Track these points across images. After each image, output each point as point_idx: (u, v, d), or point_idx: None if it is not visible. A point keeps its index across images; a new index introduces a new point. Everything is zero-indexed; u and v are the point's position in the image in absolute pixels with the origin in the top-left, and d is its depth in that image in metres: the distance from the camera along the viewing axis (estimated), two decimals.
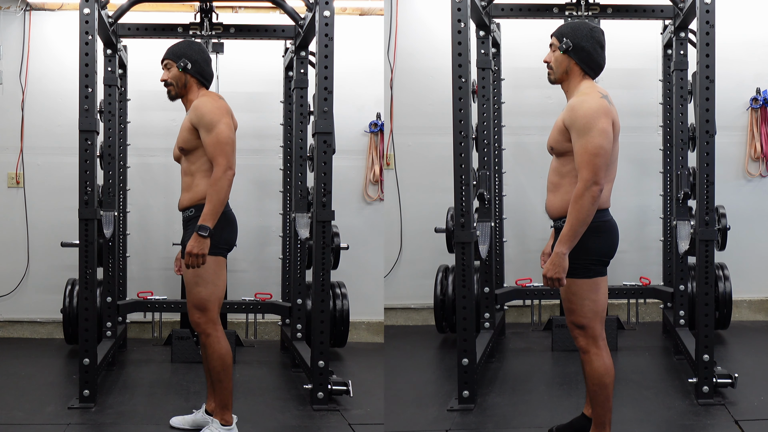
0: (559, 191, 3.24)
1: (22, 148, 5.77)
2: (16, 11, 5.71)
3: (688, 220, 4.74)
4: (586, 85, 3.25)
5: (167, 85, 3.68)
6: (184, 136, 3.62)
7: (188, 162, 3.63)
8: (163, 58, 3.70)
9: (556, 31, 3.33)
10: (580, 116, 3.10)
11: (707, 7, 4.03)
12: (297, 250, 5.12)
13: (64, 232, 5.24)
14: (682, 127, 4.90)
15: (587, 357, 3.26)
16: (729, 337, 5.37)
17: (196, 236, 3.45)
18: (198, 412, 3.85)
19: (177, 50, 3.69)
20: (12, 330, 5.83)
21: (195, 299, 3.58)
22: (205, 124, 3.55)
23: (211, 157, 3.53)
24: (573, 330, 3.27)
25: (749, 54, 5.81)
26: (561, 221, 3.22)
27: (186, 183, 3.64)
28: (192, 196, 3.60)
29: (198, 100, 3.63)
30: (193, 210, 3.59)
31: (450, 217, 5.21)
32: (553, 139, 3.23)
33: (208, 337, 3.60)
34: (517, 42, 5.62)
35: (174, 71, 3.66)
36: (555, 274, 3.10)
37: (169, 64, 3.67)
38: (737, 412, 3.89)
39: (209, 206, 3.47)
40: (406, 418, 3.95)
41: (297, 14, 4.73)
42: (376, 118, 5.87)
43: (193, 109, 3.61)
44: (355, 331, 5.78)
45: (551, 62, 3.30)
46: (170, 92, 3.69)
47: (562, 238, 3.09)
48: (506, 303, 5.34)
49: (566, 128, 3.16)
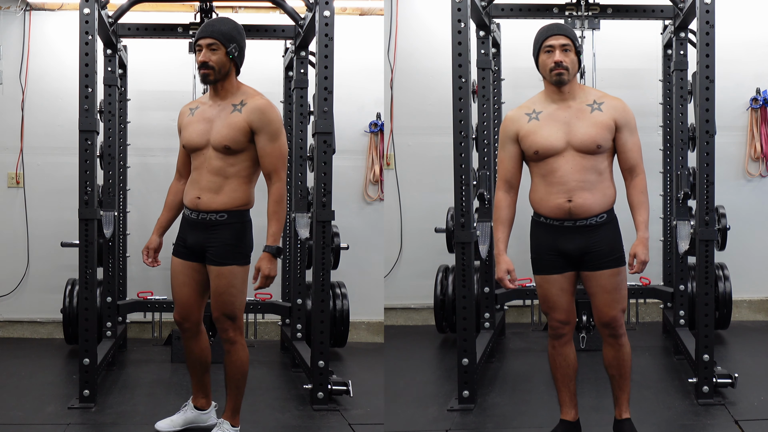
0: (597, 189, 3.30)
1: (22, 148, 5.77)
2: (16, 11, 5.71)
3: (688, 220, 4.74)
4: (585, 87, 3.40)
5: (207, 68, 3.38)
6: (235, 136, 3.37)
7: (226, 163, 3.41)
8: (205, 35, 3.39)
9: (564, 30, 3.33)
10: (630, 114, 3.34)
11: (707, 7, 4.03)
12: (297, 250, 5.12)
13: (64, 232, 5.24)
14: (682, 127, 4.90)
15: (624, 340, 3.42)
16: (729, 337, 5.37)
17: (272, 258, 3.40)
18: (186, 408, 3.77)
19: (227, 32, 3.40)
20: (12, 330, 5.83)
21: (228, 309, 3.48)
22: (271, 131, 3.39)
23: (271, 169, 3.42)
24: (617, 319, 3.38)
25: (749, 54, 5.80)
26: (597, 218, 3.30)
27: (216, 183, 3.42)
28: (227, 201, 3.43)
29: (263, 102, 3.41)
30: (226, 215, 3.42)
31: (450, 217, 5.21)
32: (603, 138, 3.29)
33: (234, 344, 3.53)
34: (517, 42, 5.59)
35: (220, 55, 3.38)
36: (648, 257, 3.34)
37: (216, 45, 3.38)
38: (737, 412, 3.89)
39: (279, 226, 3.41)
40: (406, 418, 3.95)
41: (297, 14, 4.73)
42: (376, 118, 5.87)
43: (257, 111, 3.38)
44: (355, 331, 5.78)
45: (567, 63, 3.30)
46: (208, 76, 3.39)
47: (646, 224, 3.33)
48: (506, 303, 5.34)
49: (616, 126, 3.30)
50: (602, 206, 3.31)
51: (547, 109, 3.35)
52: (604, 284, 3.34)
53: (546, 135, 3.30)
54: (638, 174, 3.34)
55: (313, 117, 4.37)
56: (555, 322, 3.43)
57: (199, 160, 3.48)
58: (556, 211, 3.31)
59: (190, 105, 3.62)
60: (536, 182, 3.37)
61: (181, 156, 3.65)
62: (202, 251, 3.50)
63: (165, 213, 3.69)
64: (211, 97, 3.52)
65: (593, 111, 3.31)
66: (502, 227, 3.42)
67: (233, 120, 3.40)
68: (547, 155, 3.30)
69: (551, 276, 3.37)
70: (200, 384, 3.75)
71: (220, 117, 3.44)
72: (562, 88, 3.32)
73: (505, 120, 3.43)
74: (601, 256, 3.33)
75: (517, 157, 3.41)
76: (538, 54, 3.35)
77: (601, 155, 3.30)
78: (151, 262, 3.69)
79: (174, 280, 3.57)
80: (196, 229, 3.49)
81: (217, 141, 3.41)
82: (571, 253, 3.33)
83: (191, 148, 3.49)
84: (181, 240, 3.56)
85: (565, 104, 3.34)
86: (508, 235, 3.43)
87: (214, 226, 3.46)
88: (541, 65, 3.35)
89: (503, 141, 3.43)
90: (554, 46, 3.30)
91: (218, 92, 3.47)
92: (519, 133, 3.36)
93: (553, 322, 3.43)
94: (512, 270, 3.40)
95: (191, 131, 3.48)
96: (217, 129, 3.43)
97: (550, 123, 3.32)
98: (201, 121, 3.47)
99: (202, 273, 3.54)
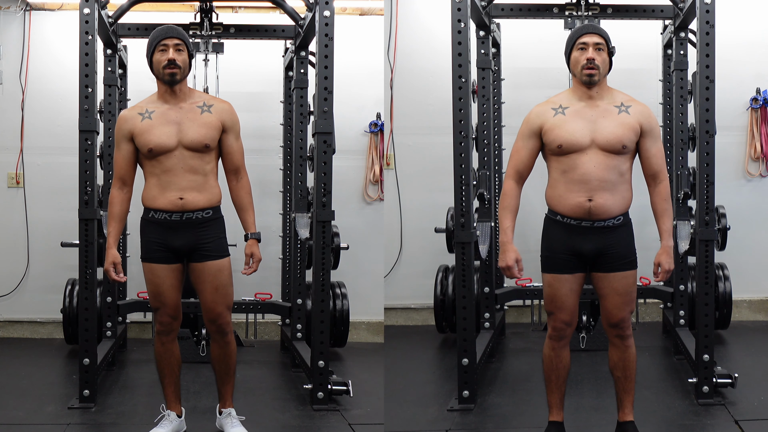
0: (617, 190, 3.30)
1: (22, 148, 5.77)
2: (16, 11, 5.71)
3: (688, 220, 4.74)
4: (613, 89, 3.40)
5: (176, 66, 3.50)
6: (212, 135, 3.53)
7: (202, 161, 3.53)
8: (172, 35, 3.53)
9: (598, 30, 3.33)
10: (655, 121, 3.37)
11: (707, 7, 4.03)
12: (297, 250, 5.12)
13: (64, 232, 5.24)
14: (682, 127, 4.90)
15: (630, 341, 3.44)
16: (729, 337, 5.37)
17: (257, 243, 3.65)
18: (170, 418, 3.69)
19: (186, 36, 3.58)
20: (12, 330, 5.83)
21: (229, 301, 3.62)
22: (237, 130, 3.61)
23: (239, 164, 3.63)
24: (626, 321, 3.40)
25: (749, 54, 5.80)
26: (615, 220, 3.31)
27: (197, 182, 3.52)
28: (209, 198, 3.54)
29: (228, 104, 3.62)
30: (211, 212, 3.55)
31: (450, 217, 5.21)
32: (628, 138, 3.30)
33: (229, 335, 3.64)
34: (517, 42, 5.62)
35: (185, 56, 3.53)
36: (673, 266, 3.37)
37: (181, 47, 3.53)
38: (737, 412, 3.89)
39: (254, 214, 3.67)
40: (406, 418, 3.95)
41: (297, 14, 4.73)
42: (376, 118, 5.88)
43: (227, 112, 3.58)
44: (355, 331, 5.78)
45: (599, 62, 3.29)
46: (175, 75, 3.51)
47: (670, 233, 3.35)
48: (506, 303, 5.33)
49: (641, 131, 3.32)
50: (620, 208, 3.31)
51: (574, 106, 3.34)
52: (617, 286, 3.35)
53: (571, 130, 3.29)
54: (662, 180, 3.36)
55: (313, 117, 4.37)
56: (559, 323, 3.42)
57: (170, 162, 3.52)
58: (575, 210, 3.30)
59: (136, 110, 3.60)
60: (555, 179, 3.35)
61: (125, 163, 3.61)
62: (189, 251, 3.54)
63: (116, 224, 3.64)
64: (164, 101, 3.58)
65: (620, 112, 3.31)
66: (511, 216, 3.41)
67: (207, 120, 3.54)
68: (571, 151, 3.29)
69: (563, 275, 3.36)
70: (177, 388, 3.74)
71: (188, 118, 3.54)
72: (591, 87, 3.32)
73: (530, 113, 3.41)
74: (616, 258, 3.33)
75: (535, 150, 3.40)
76: (570, 51, 3.35)
77: (624, 156, 3.30)
78: (122, 277, 3.63)
79: (161, 286, 3.55)
80: (181, 229, 3.53)
81: (195, 140, 3.51)
82: (587, 254, 3.33)
83: (160, 151, 3.52)
84: (160, 245, 3.54)
85: (593, 103, 3.33)
86: (514, 225, 3.42)
87: (202, 223, 3.54)
88: (572, 62, 3.34)
89: (524, 133, 3.40)
90: (588, 44, 3.30)
91: (176, 94, 3.56)
92: (543, 126, 3.35)
93: (557, 323, 3.42)
94: (520, 259, 3.39)
95: (158, 134, 3.51)
96: (191, 129, 3.52)
97: (576, 119, 3.31)
98: (166, 124, 3.53)
99: (183, 273, 3.62)
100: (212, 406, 3.92)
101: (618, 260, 3.34)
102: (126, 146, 3.58)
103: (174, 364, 3.70)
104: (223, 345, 3.64)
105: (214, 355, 3.70)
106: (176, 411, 3.72)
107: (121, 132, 3.59)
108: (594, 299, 4.99)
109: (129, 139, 3.57)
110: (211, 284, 3.55)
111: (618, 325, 3.39)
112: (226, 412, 3.74)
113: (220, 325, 3.59)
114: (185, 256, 3.57)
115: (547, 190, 3.39)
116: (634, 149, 3.34)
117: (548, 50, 5.36)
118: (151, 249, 3.56)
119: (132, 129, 3.55)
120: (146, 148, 3.53)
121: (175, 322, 3.63)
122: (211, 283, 3.55)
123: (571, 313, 3.40)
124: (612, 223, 3.31)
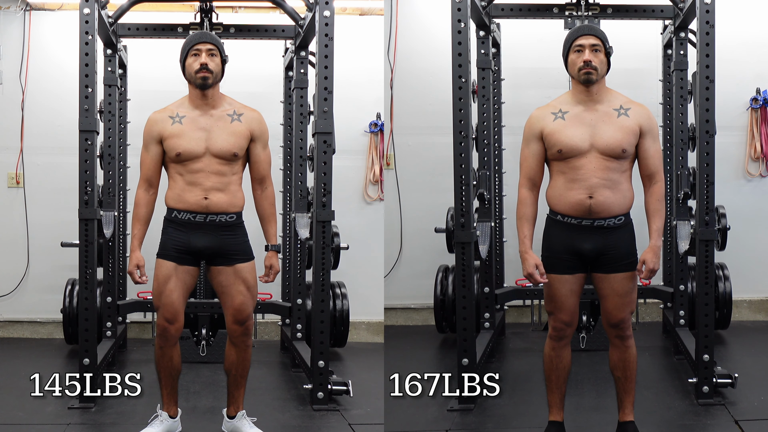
0: (618, 189, 3.30)
1: (22, 148, 5.78)
2: (16, 11, 5.71)
3: (688, 220, 4.74)
4: (613, 91, 3.39)
5: (208, 71, 3.48)
6: (241, 143, 3.54)
7: (228, 168, 3.52)
8: (205, 40, 3.52)
9: (595, 31, 3.33)
10: (654, 122, 3.37)
11: (707, 7, 4.03)
12: (297, 250, 5.12)
13: (64, 232, 5.23)
14: (682, 127, 4.90)
15: (631, 342, 3.44)
16: (729, 337, 5.37)
17: (276, 255, 3.68)
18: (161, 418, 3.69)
19: (220, 42, 3.56)
20: (12, 330, 5.83)
21: (254, 303, 3.62)
22: (265, 139, 3.61)
23: (265, 174, 3.63)
24: (626, 321, 3.40)
25: (749, 54, 5.81)
26: (616, 219, 3.31)
27: (222, 183, 3.50)
28: (233, 201, 3.53)
29: (258, 113, 3.61)
30: (234, 216, 3.54)
31: (450, 217, 5.21)
32: (628, 143, 3.31)
33: (251, 337, 3.65)
34: (517, 42, 5.61)
35: (218, 62, 3.52)
36: (658, 266, 3.34)
37: (214, 51, 3.51)
38: (737, 412, 3.89)
39: (276, 225, 3.68)
40: (406, 418, 3.95)
41: (297, 14, 4.73)
42: (376, 118, 5.88)
43: (256, 121, 3.58)
44: (355, 331, 5.78)
45: (596, 63, 3.30)
46: (207, 80, 3.48)
47: (659, 233, 3.32)
48: (506, 303, 5.33)
49: (640, 132, 3.32)
50: (621, 207, 3.31)
51: (573, 110, 3.34)
52: (617, 287, 3.35)
53: (570, 135, 3.30)
54: (657, 181, 3.36)
55: (313, 117, 4.37)
56: (559, 324, 3.42)
57: (197, 166, 3.51)
58: (576, 208, 3.30)
59: (167, 113, 3.57)
60: (556, 178, 3.36)
61: (153, 165, 3.59)
62: (212, 255, 3.53)
63: (141, 227, 3.59)
64: (195, 105, 3.55)
65: (620, 116, 3.31)
66: (528, 224, 3.39)
67: (237, 129, 3.54)
68: (570, 155, 3.30)
69: (563, 276, 3.35)
70: (174, 391, 3.71)
71: (218, 126, 3.53)
72: (590, 88, 3.31)
73: (530, 118, 3.41)
74: (617, 258, 3.33)
75: (540, 155, 3.39)
76: (568, 53, 3.35)
77: (624, 159, 3.31)
78: (144, 279, 3.62)
79: (165, 285, 3.51)
80: (205, 231, 3.51)
81: (223, 149, 3.51)
82: (587, 254, 3.33)
83: (188, 157, 3.50)
84: (180, 244, 3.51)
85: (593, 106, 3.33)
86: (533, 233, 3.41)
87: (226, 226, 3.53)
88: (570, 64, 3.35)
89: (527, 138, 3.40)
90: (584, 46, 3.30)
91: (207, 99, 3.53)
92: (543, 131, 3.35)
93: (557, 324, 3.42)
94: (540, 264, 3.36)
95: (188, 140, 3.50)
96: (221, 137, 3.51)
97: (576, 124, 3.32)
98: (196, 130, 3.52)
99: (195, 277, 3.57)
100: (212, 406, 3.92)
101: (619, 261, 3.34)
102: (155, 148, 3.58)
103: (172, 372, 3.65)
104: (244, 348, 3.61)
105: (231, 359, 3.63)
106: (170, 412, 3.70)
107: (150, 134, 3.58)
108: (594, 299, 5.00)
109: (158, 141, 3.56)
110: (243, 285, 3.56)
111: (618, 325, 3.39)
112: (240, 414, 3.71)
113: (248, 326, 3.59)
114: (206, 260, 3.54)
115: (548, 190, 3.39)
116: (634, 152, 3.34)
117: (548, 50, 5.34)
118: (169, 247, 3.53)
119: (162, 132, 3.55)
120: (175, 152, 3.52)
121: (172, 327, 3.54)
122: (243, 284, 3.56)
123: (572, 314, 3.40)
124: (613, 222, 3.31)
